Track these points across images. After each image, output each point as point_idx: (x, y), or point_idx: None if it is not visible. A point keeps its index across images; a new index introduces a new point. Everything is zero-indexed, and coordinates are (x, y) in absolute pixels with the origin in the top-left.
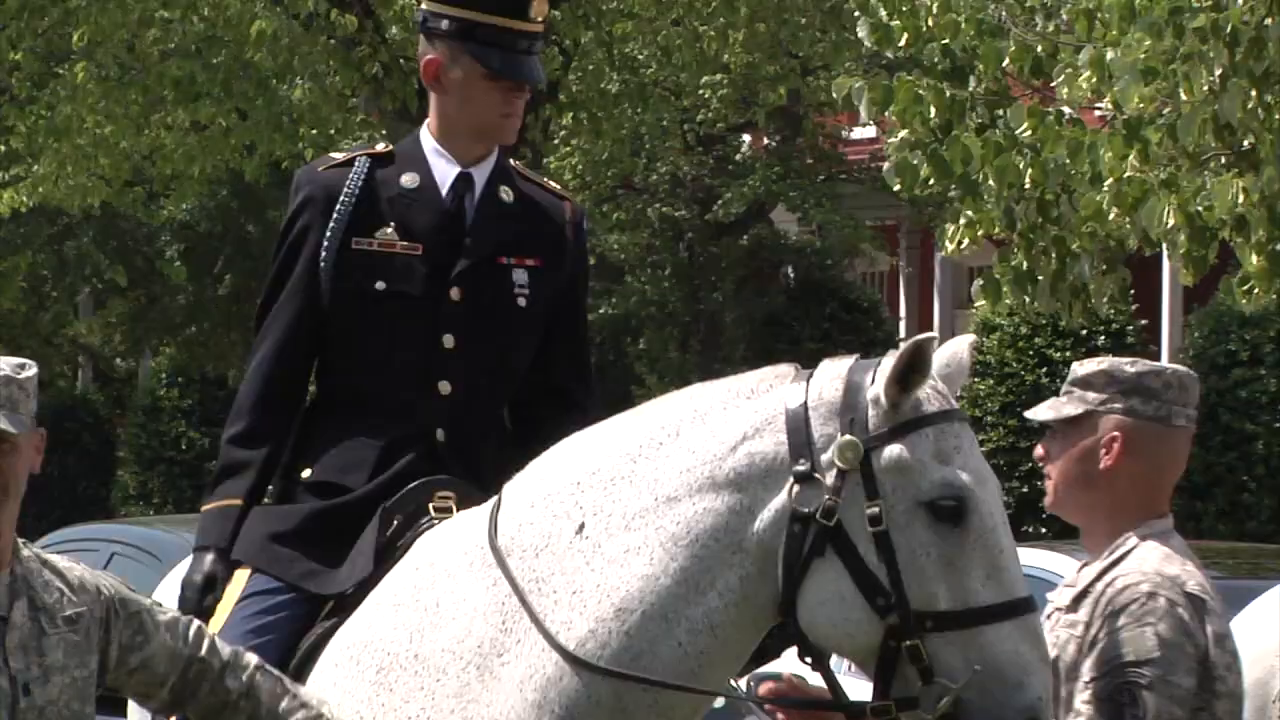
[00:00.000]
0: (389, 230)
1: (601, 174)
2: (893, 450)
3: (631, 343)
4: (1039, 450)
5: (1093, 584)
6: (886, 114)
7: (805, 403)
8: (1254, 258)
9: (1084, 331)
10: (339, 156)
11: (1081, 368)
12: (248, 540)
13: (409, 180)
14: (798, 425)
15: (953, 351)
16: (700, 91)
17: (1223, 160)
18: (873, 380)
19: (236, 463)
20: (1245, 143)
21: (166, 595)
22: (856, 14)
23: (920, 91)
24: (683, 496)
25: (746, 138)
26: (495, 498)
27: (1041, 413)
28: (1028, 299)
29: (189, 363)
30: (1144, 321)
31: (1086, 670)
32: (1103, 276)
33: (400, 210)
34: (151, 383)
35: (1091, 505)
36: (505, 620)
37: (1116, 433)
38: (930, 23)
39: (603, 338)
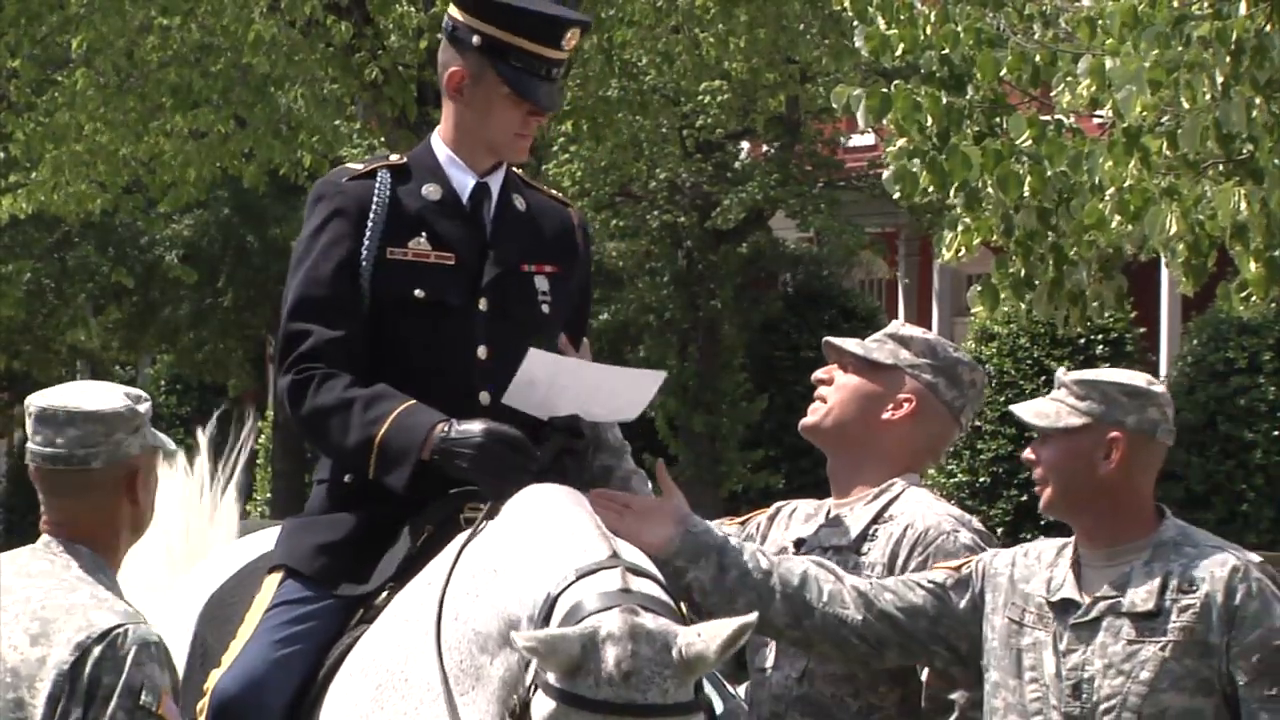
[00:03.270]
0: (421, 240)
1: (601, 181)
2: (538, 699)
3: (631, 350)
4: (822, 372)
5: (873, 527)
6: (884, 121)
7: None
8: (1252, 265)
9: (1082, 340)
10: (357, 168)
11: (904, 329)
12: (297, 550)
13: (430, 191)
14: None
15: (706, 646)
16: (700, 98)
17: (1220, 168)
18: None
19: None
20: (1245, 150)
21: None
22: (855, 22)
23: (918, 99)
24: (502, 647)
25: (745, 144)
26: (471, 530)
27: (851, 345)
28: (1023, 306)
29: (187, 370)
30: (1142, 329)
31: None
32: (1100, 284)
33: (429, 220)
34: (150, 390)
35: (862, 444)
36: (461, 661)
37: (912, 396)
38: (928, 31)
39: (602, 344)
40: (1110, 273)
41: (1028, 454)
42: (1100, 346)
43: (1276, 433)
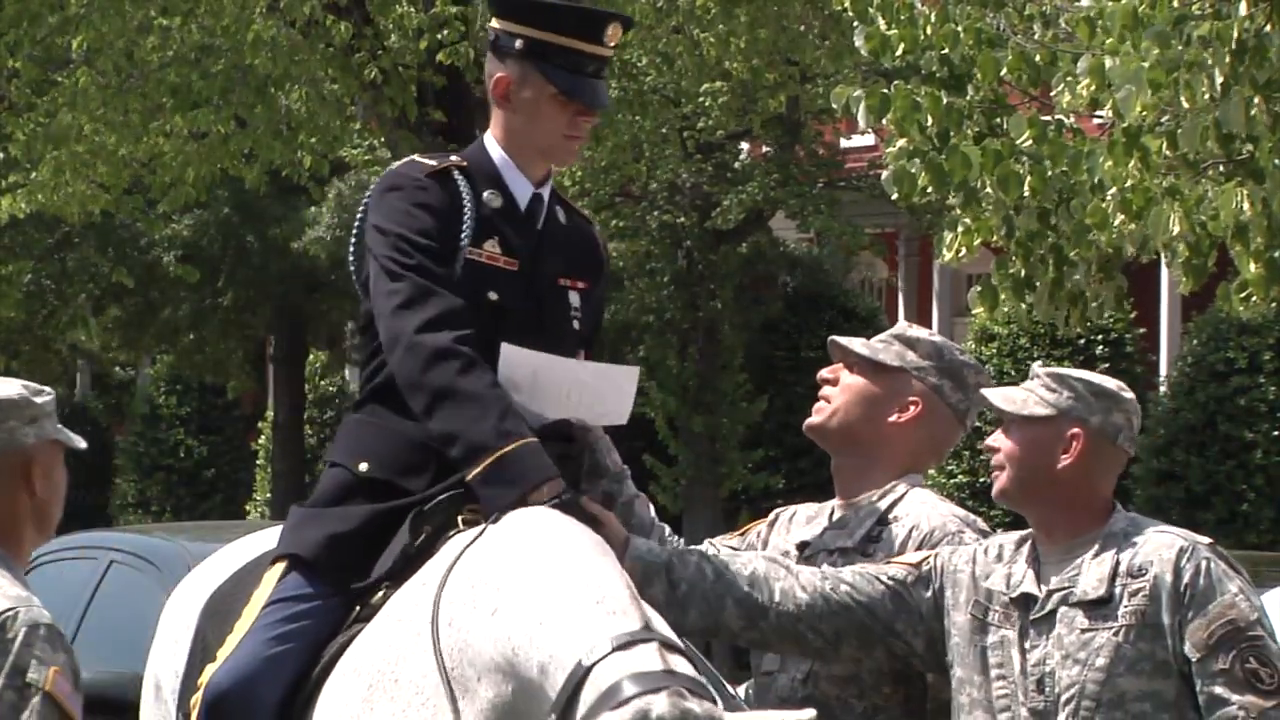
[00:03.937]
0: (494, 243)
1: (601, 181)
2: None
3: (631, 350)
4: (827, 372)
5: (878, 529)
6: (884, 122)
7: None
8: (1252, 265)
9: (1082, 340)
10: (430, 163)
11: (911, 330)
12: (305, 539)
13: (492, 196)
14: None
15: None
16: (700, 99)
17: (1220, 168)
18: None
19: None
20: (1245, 150)
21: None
22: (855, 23)
23: (918, 99)
24: (496, 673)
25: (745, 145)
26: (473, 533)
27: (857, 345)
28: (1023, 306)
29: (187, 370)
30: (1142, 330)
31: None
32: (1100, 284)
33: (497, 225)
34: (150, 390)
35: (867, 445)
36: (452, 669)
37: (918, 399)
38: (928, 31)
39: (602, 345)
40: (1110, 273)
41: (989, 441)
42: (1100, 347)
43: (1276, 433)
